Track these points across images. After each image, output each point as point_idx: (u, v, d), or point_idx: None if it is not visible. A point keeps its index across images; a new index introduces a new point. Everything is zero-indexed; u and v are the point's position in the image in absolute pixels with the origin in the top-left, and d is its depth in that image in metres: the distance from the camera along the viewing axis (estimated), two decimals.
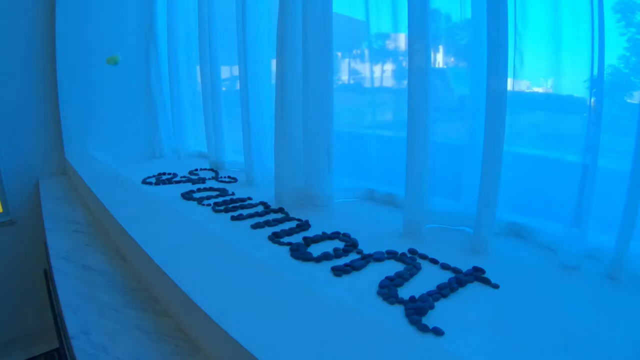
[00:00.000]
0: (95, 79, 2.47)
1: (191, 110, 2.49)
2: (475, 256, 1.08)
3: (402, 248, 1.13)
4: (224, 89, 2.16)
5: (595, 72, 0.95)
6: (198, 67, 2.27)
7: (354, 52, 1.68)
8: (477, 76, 1.18)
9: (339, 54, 1.65)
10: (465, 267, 1.01)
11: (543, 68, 1.13)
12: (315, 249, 1.19)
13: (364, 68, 1.61)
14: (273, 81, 1.79)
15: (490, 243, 1.10)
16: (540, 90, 1.17)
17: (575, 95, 1.08)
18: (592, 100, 0.97)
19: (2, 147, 2.34)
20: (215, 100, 2.14)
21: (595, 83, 0.96)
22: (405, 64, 1.35)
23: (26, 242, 2.40)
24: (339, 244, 1.22)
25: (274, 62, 1.66)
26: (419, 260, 1.07)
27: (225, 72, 2.17)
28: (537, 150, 1.20)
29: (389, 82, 1.56)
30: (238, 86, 1.94)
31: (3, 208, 2.37)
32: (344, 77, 1.70)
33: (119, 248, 1.33)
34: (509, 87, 1.05)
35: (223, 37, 2.08)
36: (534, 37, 1.12)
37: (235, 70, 2.03)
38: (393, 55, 1.54)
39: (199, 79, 2.28)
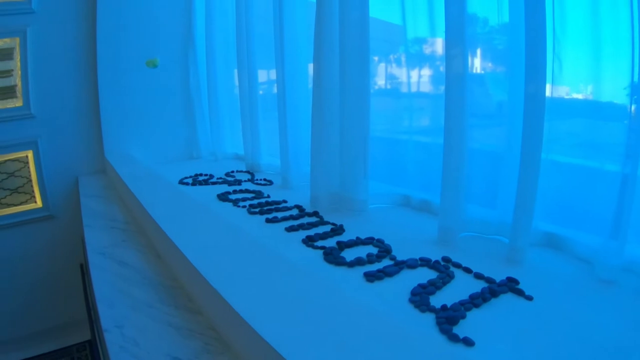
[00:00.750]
0: (135, 82, 2.56)
1: (228, 113, 2.54)
2: (509, 266, 1.07)
3: (435, 256, 1.13)
4: (261, 92, 2.19)
5: (636, 78, 0.94)
6: (236, 71, 2.30)
7: (391, 56, 1.68)
8: (515, 82, 1.16)
9: (376, 58, 1.65)
10: (499, 277, 1.00)
11: (582, 74, 1.11)
12: (349, 254, 1.20)
13: (400, 73, 1.61)
14: (310, 85, 1.80)
15: (526, 253, 1.09)
16: (579, 96, 1.15)
17: (615, 102, 1.06)
18: (633, 107, 0.96)
19: (44, 145, 2.47)
20: (252, 103, 2.17)
21: (636, 89, 0.95)
22: (442, 69, 1.34)
23: (64, 236, 2.52)
24: (373, 250, 1.23)
25: (311, 66, 1.67)
26: (452, 269, 1.07)
27: (262, 75, 2.21)
28: (576, 158, 1.18)
29: (426, 88, 1.56)
30: (275, 90, 1.97)
31: (43, 203, 2.49)
32: (381, 81, 1.71)
33: (155, 246, 1.37)
34: (548, 93, 1.04)
35: (260, 41, 2.11)
36: (573, 42, 1.11)
37: (273, 74, 2.06)
38: (430, 60, 1.54)
39: (236, 82, 2.32)
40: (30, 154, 2.46)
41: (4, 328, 2.53)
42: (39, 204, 2.51)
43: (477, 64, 1.31)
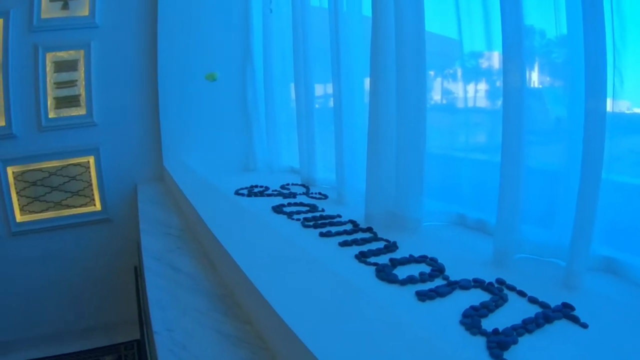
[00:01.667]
0: (194, 94, 2.68)
1: (285, 127, 2.60)
2: (565, 291, 1.04)
3: (489, 277, 1.12)
4: (317, 106, 2.23)
5: None
6: (292, 85, 2.36)
7: (447, 71, 1.68)
8: (575, 96, 1.14)
9: (432, 73, 1.65)
10: (553, 302, 0.98)
11: None
12: (401, 272, 1.20)
13: (456, 87, 1.61)
14: (366, 100, 1.82)
15: (583, 278, 1.05)
16: None
17: None
18: None
19: (106, 152, 2.68)
20: (308, 117, 2.21)
21: None
22: (499, 83, 1.34)
23: (120, 239, 2.69)
24: (426, 268, 1.23)
25: (367, 81, 1.69)
26: (506, 292, 1.06)
27: (319, 89, 2.25)
28: (638, 178, 1.15)
29: (482, 103, 1.55)
30: (331, 104, 2.00)
31: (102, 207, 2.68)
32: (437, 96, 1.71)
33: (209, 254, 1.42)
34: (608, 108, 1.00)
35: (317, 56, 2.15)
36: (634, 54, 1.07)
37: (329, 88, 2.10)
38: (487, 74, 1.53)
39: (293, 96, 2.37)
40: (91, 160, 2.66)
41: (57, 321, 2.77)
42: (98, 207, 2.71)
43: (534, 78, 1.29)
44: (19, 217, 2.63)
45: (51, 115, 2.60)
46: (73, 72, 2.62)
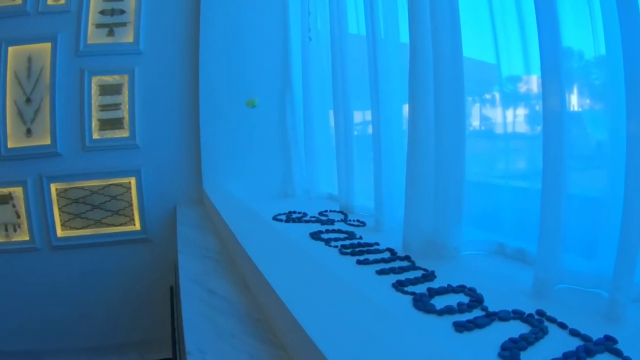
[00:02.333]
0: (234, 119, 2.78)
1: (324, 153, 2.62)
2: (608, 323, 1.01)
3: (529, 308, 1.10)
4: (355, 133, 2.25)
5: None
6: (331, 112, 2.39)
7: (485, 96, 1.68)
8: (616, 119, 1.11)
9: (470, 98, 1.65)
10: (596, 334, 0.95)
11: None
12: (439, 301, 1.19)
13: (495, 113, 1.60)
14: (404, 126, 1.83)
15: (626, 309, 1.02)
16: None
17: None
18: None
19: (147, 173, 2.82)
20: (347, 144, 2.23)
21: None
22: (538, 107, 1.32)
23: (157, 259, 2.81)
24: (464, 299, 1.21)
25: (405, 107, 1.70)
26: (546, 323, 1.03)
27: (357, 116, 2.27)
28: None
29: (521, 128, 1.53)
30: (370, 131, 2.02)
31: (141, 227, 2.81)
32: (475, 122, 1.70)
33: (245, 278, 1.44)
34: None
35: (356, 83, 2.17)
36: None
37: (367, 115, 2.12)
38: (525, 99, 1.52)
39: (331, 123, 2.40)
40: (133, 181, 2.79)
41: (92, 335, 2.91)
42: (138, 227, 2.84)
43: (574, 101, 1.27)
44: (59, 232, 2.81)
45: (95, 136, 2.80)
46: (117, 95, 2.79)
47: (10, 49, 2.75)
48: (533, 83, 1.47)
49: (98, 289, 2.83)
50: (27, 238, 2.80)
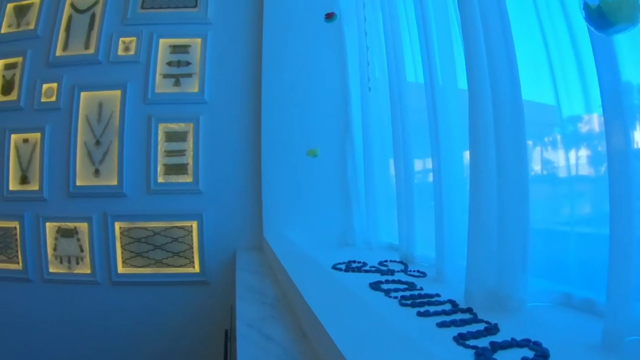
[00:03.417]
0: (295, 168, 2.84)
1: (384, 202, 2.61)
2: None
3: None
4: (416, 181, 2.23)
5: None
6: (391, 160, 2.40)
7: (546, 139, 1.64)
8: None
9: (530, 142, 1.62)
10: None
11: None
12: (502, 356, 1.13)
13: (556, 156, 1.56)
14: (465, 174, 1.81)
15: None
16: None
17: None
18: None
19: (208, 218, 2.93)
20: (408, 193, 2.21)
21: None
22: (601, 148, 1.28)
23: (214, 302, 2.89)
24: (529, 353, 1.15)
25: (466, 154, 1.69)
26: None
27: (417, 164, 2.26)
28: None
29: (585, 170, 1.48)
30: (430, 179, 2.00)
31: (200, 269, 2.93)
32: (537, 167, 1.66)
33: (303, 326, 1.42)
34: None
35: (415, 131, 2.18)
36: None
37: (428, 163, 2.11)
38: (587, 139, 1.47)
39: (392, 172, 2.40)
40: (194, 224, 2.90)
41: None
42: (197, 269, 2.96)
43: (638, 138, 1.22)
44: (120, 269, 2.97)
45: (160, 180, 2.98)
46: (182, 142, 2.95)
47: (82, 94, 3.06)
48: (595, 122, 1.42)
49: (153, 326, 2.93)
50: (88, 271, 2.99)
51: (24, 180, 3.06)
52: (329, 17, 2.60)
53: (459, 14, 1.58)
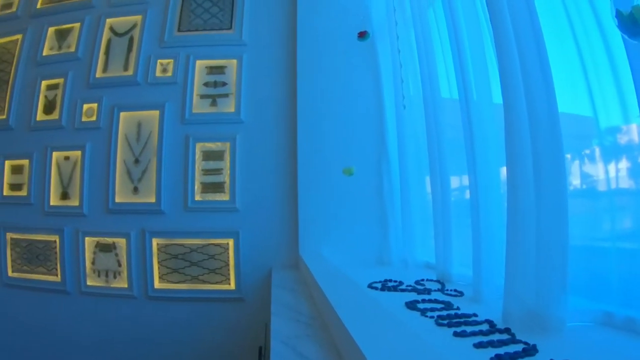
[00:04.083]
0: (331, 186, 2.87)
1: (420, 220, 2.59)
2: None
3: None
4: (452, 198, 2.21)
5: None
6: (427, 178, 2.38)
7: (584, 152, 1.60)
8: None
9: (568, 156, 1.58)
10: None
11: None
12: None
13: (595, 169, 1.51)
14: (502, 190, 1.78)
15: None
16: None
17: None
18: None
19: (245, 236, 3.00)
20: (444, 210, 2.19)
21: None
22: None
23: (249, 319, 2.93)
24: None
25: (503, 170, 1.66)
26: None
27: (454, 181, 2.23)
28: None
29: (625, 183, 1.43)
30: (467, 196, 1.98)
31: (236, 286, 2.97)
32: (575, 181, 1.62)
33: (337, 344, 1.42)
34: None
35: (451, 147, 2.16)
36: None
37: (464, 180, 2.08)
38: (627, 150, 1.42)
39: (428, 189, 2.38)
40: (231, 242, 2.97)
41: None
42: (232, 286, 3.01)
43: None
44: (157, 284, 3.05)
45: (197, 198, 3.07)
46: (219, 161, 3.03)
47: (122, 114, 3.22)
48: (634, 132, 1.38)
49: (188, 341, 3.00)
50: (125, 286, 3.09)
51: (64, 196, 3.22)
52: (362, 35, 2.63)
53: (491, 28, 1.58)
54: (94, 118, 3.20)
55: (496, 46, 1.56)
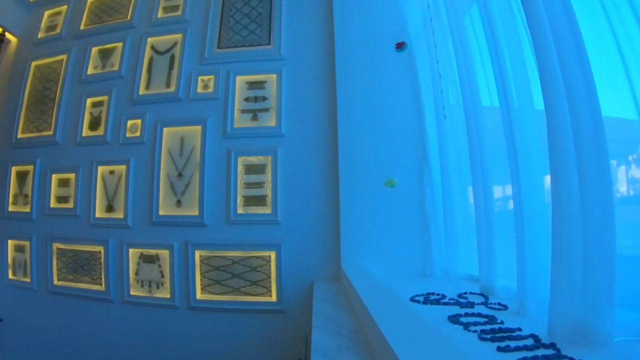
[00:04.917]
0: (373, 198, 2.88)
1: (463, 232, 2.55)
2: None
3: None
4: (496, 209, 2.16)
5: None
6: (470, 188, 2.34)
7: (630, 157, 1.54)
8: None
9: (614, 161, 1.53)
10: None
11: None
12: None
13: None
14: (547, 199, 1.74)
15: None
16: None
17: None
18: None
19: (287, 249, 3.04)
20: (488, 221, 2.14)
21: None
22: None
23: (290, 331, 2.96)
24: None
25: (547, 178, 1.62)
26: None
27: (497, 191, 2.19)
28: None
29: None
30: (511, 206, 1.93)
31: (277, 299, 3.01)
32: (622, 188, 1.56)
33: (378, 358, 1.41)
34: None
35: (493, 156, 2.12)
36: None
37: (507, 189, 2.04)
38: None
39: (471, 200, 2.34)
40: (273, 254, 3.03)
41: None
42: (274, 298, 3.06)
43: None
44: (199, 295, 3.14)
45: (239, 211, 3.16)
46: (261, 175, 3.09)
47: (165, 129, 3.37)
48: None
49: (228, 352, 3.08)
50: (168, 296, 3.21)
51: (109, 208, 3.39)
52: (400, 46, 2.62)
53: (530, 34, 1.54)
54: (137, 134, 3.35)
55: (535, 50, 1.52)
